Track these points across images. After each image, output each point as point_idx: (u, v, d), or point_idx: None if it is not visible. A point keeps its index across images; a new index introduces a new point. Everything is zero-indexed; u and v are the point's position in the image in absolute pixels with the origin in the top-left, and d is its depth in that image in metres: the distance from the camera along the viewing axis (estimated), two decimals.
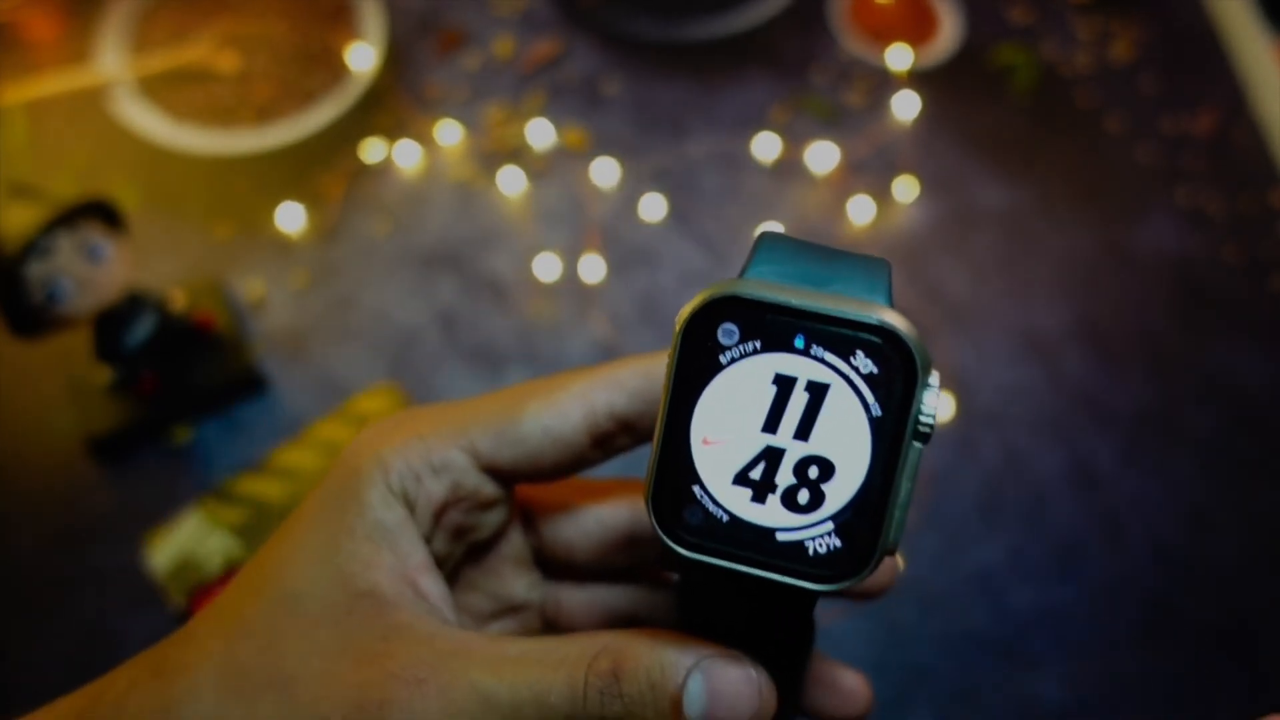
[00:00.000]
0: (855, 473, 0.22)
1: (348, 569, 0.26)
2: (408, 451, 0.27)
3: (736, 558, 0.23)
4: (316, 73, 0.81)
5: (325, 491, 0.28)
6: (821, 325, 0.22)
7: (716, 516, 0.23)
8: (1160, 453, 0.68)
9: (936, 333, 0.72)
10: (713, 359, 0.22)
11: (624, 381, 0.28)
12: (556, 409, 0.28)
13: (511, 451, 0.28)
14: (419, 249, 0.75)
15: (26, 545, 0.64)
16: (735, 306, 0.22)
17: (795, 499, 0.22)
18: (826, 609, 0.62)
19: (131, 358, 0.66)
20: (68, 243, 0.58)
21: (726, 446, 0.22)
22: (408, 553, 0.27)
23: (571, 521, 0.31)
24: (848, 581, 0.22)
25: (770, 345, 0.22)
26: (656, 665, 0.24)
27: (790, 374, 0.22)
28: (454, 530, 0.29)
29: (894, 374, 0.22)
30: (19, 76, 0.81)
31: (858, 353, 0.22)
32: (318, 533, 0.27)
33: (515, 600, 0.31)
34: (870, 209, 0.76)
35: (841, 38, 0.85)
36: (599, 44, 0.85)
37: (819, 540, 0.22)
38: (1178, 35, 0.87)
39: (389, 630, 0.25)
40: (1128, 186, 0.79)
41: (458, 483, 0.28)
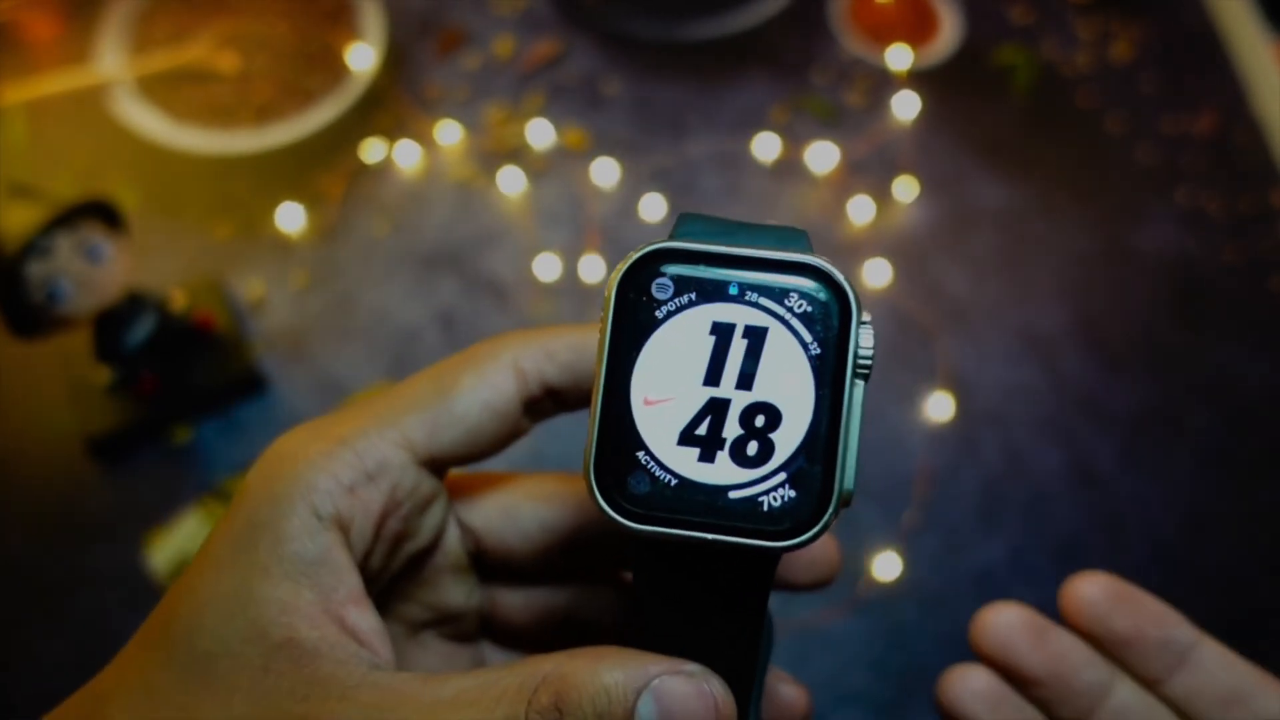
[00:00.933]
0: (801, 416, 0.22)
1: (262, 619, 0.23)
2: (333, 464, 0.25)
3: (689, 524, 0.22)
4: (316, 73, 0.81)
5: (236, 524, 0.24)
6: (755, 270, 0.22)
7: (664, 481, 0.22)
8: (1160, 453, 0.68)
9: (936, 333, 0.72)
10: (649, 315, 0.22)
11: (554, 351, 0.27)
12: (491, 380, 0.26)
13: (450, 433, 0.26)
14: (419, 249, 0.75)
15: (26, 545, 0.64)
16: (669, 259, 0.22)
17: (744, 452, 0.22)
18: (826, 609, 0.62)
19: (131, 358, 0.66)
20: (67, 243, 0.58)
21: (669, 405, 0.22)
22: (332, 585, 0.24)
23: (510, 523, 0.29)
24: (807, 534, 0.22)
25: (705, 296, 0.22)
26: (601, 692, 0.22)
27: (728, 321, 0.22)
28: (393, 539, 0.27)
29: (829, 312, 0.22)
30: (19, 76, 0.81)
31: (791, 294, 0.22)
32: (229, 577, 0.24)
33: (452, 608, 0.30)
34: (870, 209, 0.76)
35: (841, 38, 0.85)
36: (599, 44, 0.85)
37: (773, 493, 0.22)
38: (1178, 35, 0.87)
39: (309, 687, 0.23)
40: (1128, 186, 0.79)
41: (395, 484, 0.26)
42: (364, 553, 0.26)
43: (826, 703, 0.60)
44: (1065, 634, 0.32)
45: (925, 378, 0.70)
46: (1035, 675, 0.32)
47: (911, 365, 0.71)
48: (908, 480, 0.66)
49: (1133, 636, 0.32)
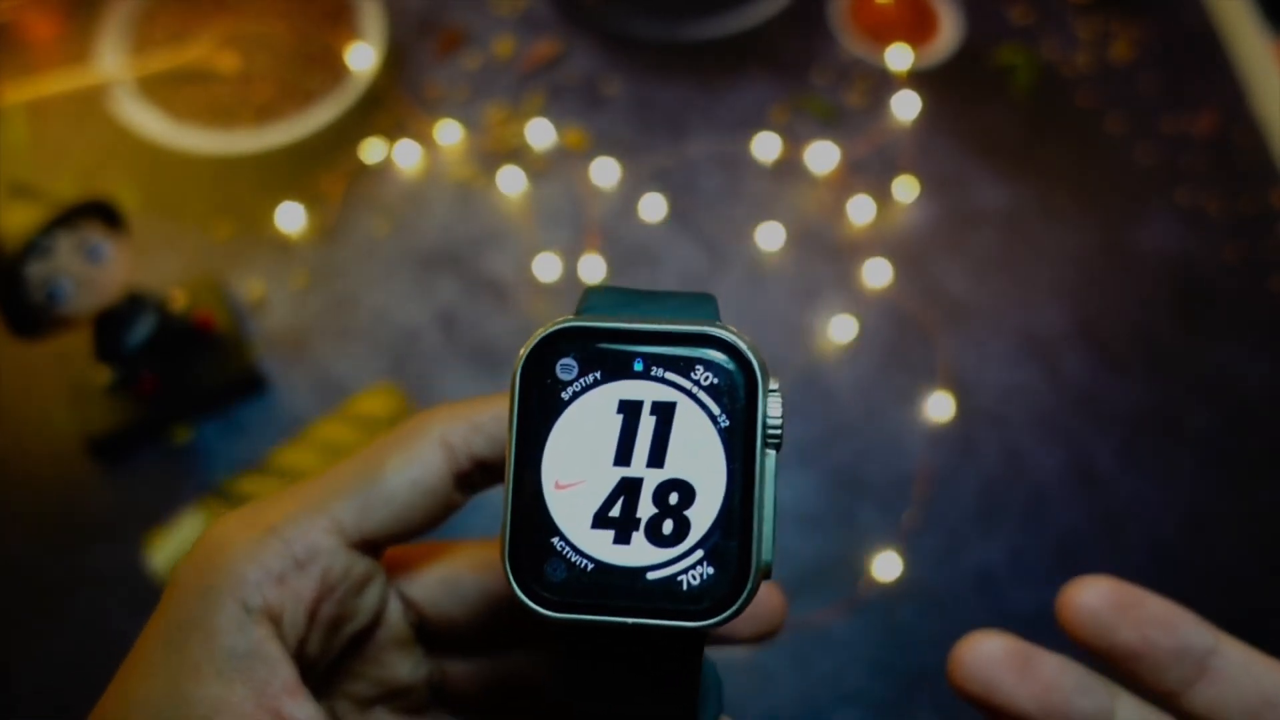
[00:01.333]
0: (715, 491, 0.21)
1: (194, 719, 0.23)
2: (262, 553, 0.24)
3: (608, 609, 0.21)
4: (316, 73, 0.81)
5: (166, 622, 0.24)
6: (658, 346, 0.22)
7: (580, 567, 0.21)
8: (1160, 452, 0.68)
9: (936, 333, 0.72)
10: (554, 397, 0.22)
11: (482, 424, 0.26)
12: (418, 458, 0.26)
13: (380, 514, 0.25)
14: (419, 249, 0.75)
15: (27, 546, 0.64)
16: (570, 339, 0.22)
17: (660, 531, 0.21)
18: (826, 609, 0.62)
19: (131, 358, 0.66)
20: (68, 243, 0.58)
21: (581, 488, 0.22)
22: (265, 679, 0.24)
23: (450, 593, 0.28)
24: (728, 611, 0.21)
25: (610, 374, 0.22)
26: None
27: (635, 399, 0.22)
28: (330, 623, 0.26)
29: (735, 383, 0.22)
30: (19, 76, 0.81)
31: (697, 367, 0.22)
32: (158, 679, 0.23)
33: (400, 683, 0.29)
34: (870, 209, 0.76)
35: (841, 38, 0.85)
36: (599, 44, 0.85)
37: (691, 572, 0.21)
38: (1178, 35, 0.87)
39: None
40: (1128, 186, 0.79)
41: (327, 569, 0.25)
42: (299, 640, 0.25)
43: (826, 703, 0.60)
44: (1053, 659, 0.30)
45: (925, 378, 0.70)
46: (1025, 711, 0.29)
47: (911, 365, 0.71)
48: (908, 480, 0.66)
49: (1142, 648, 0.29)
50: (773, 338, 0.72)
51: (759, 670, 0.60)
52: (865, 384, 0.70)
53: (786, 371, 0.70)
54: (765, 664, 0.60)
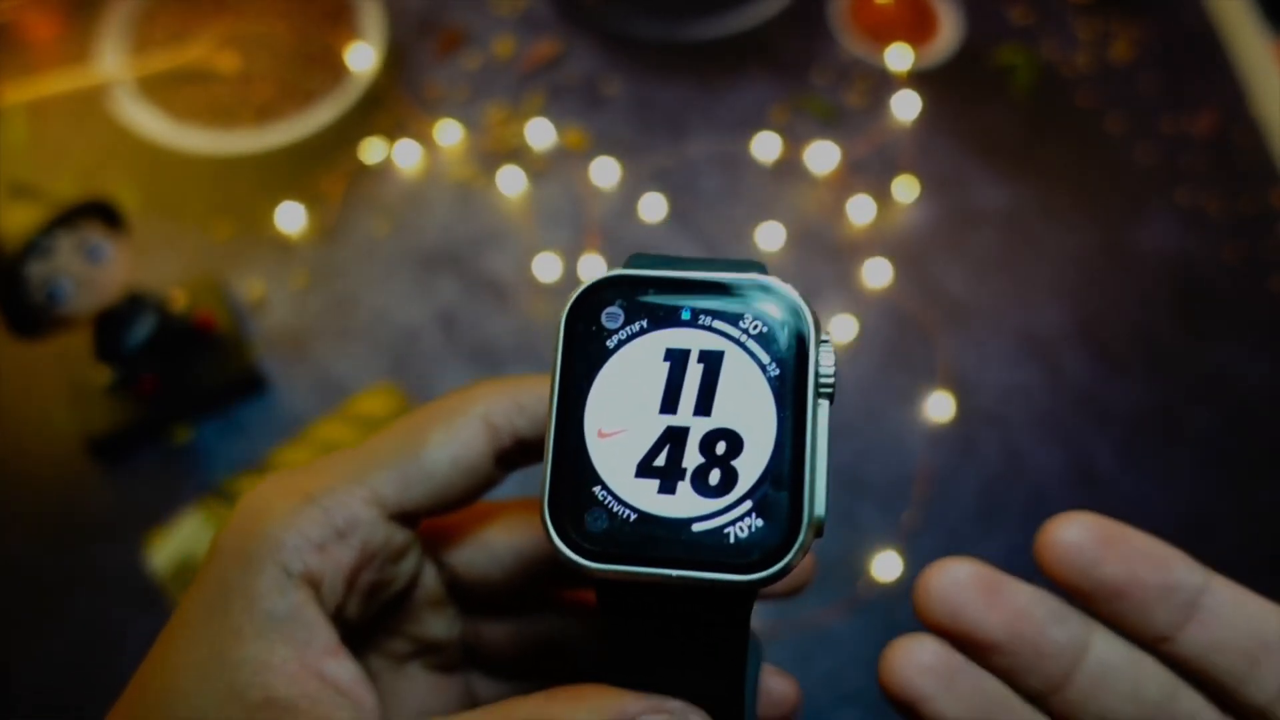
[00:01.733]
0: (764, 441, 0.21)
1: (238, 681, 0.23)
2: (301, 521, 0.24)
3: (651, 560, 0.20)
4: (316, 73, 0.81)
5: (207, 587, 0.24)
6: (707, 294, 0.21)
7: (622, 517, 0.21)
8: (1160, 452, 0.68)
9: (936, 333, 0.72)
10: (599, 345, 0.21)
11: (525, 405, 0.26)
12: (460, 437, 0.26)
13: (420, 489, 0.25)
14: (419, 249, 0.75)
15: (27, 545, 0.64)
16: (618, 287, 0.21)
17: (706, 481, 0.21)
18: (826, 609, 0.62)
19: (131, 358, 0.66)
20: (68, 243, 0.58)
21: (625, 436, 0.21)
22: (307, 641, 0.24)
23: (484, 552, 0.29)
24: (778, 565, 0.20)
25: (657, 322, 0.21)
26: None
27: (681, 347, 0.21)
28: (368, 590, 0.26)
29: (785, 332, 0.21)
30: (19, 76, 0.81)
31: (746, 316, 0.21)
32: (202, 643, 0.24)
33: (434, 640, 0.29)
34: (870, 209, 0.76)
35: (841, 38, 0.85)
36: (599, 44, 0.85)
37: (740, 523, 0.20)
38: (1178, 35, 0.87)
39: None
40: (1127, 186, 0.79)
41: (366, 540, 0.25)
42: (337, 605, 0.25)
43: (826, 703, 0.60)
44: (1026, 587, 0.28)
45: (925, 378, 0.70)
46: (994, 640, 0.27)
47: (911, 365, 0.71)
48: (908, 480, 0.66)
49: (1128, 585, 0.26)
50: None
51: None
52: (865, 384, 0.70)
53: None
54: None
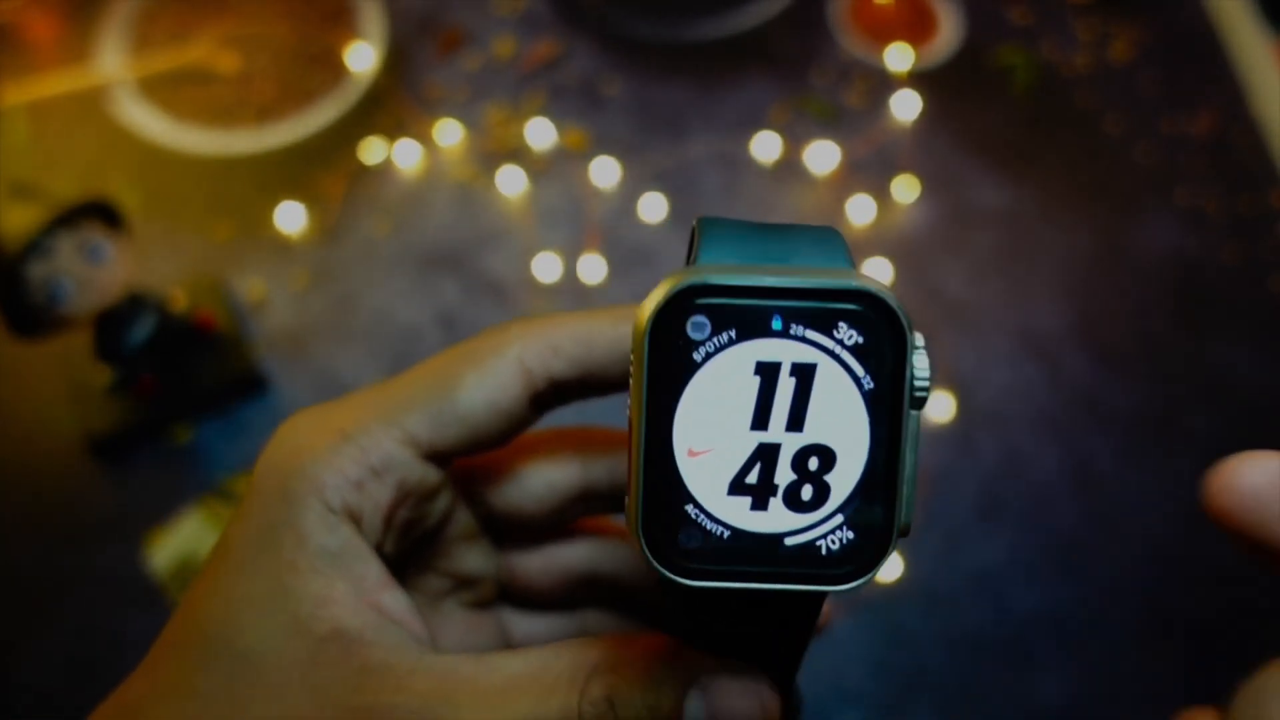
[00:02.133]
0: (857, 455, 0.20)
1: (302, 613, 0.23)
2: (339, 460, 0.24)
3: (745, 575, 0.21)
4: (316, 73, 0.81)
5: (252, 524, 0.24)
6: (798, 301, 0.20)
7: (716, 534, 0.21)
8: (1160, 453, 0.68)
9: (936, 333, 0.72)
10: (686, 358, 0.20)
11: (561, 345, 0.26)
12: (495, 379, 0.25)
13: (454, 431, 0.25)
14: (419, 249, 0.75)
15: (27, 545, 0.64)
16: (702, 296, 0.20)
17: (799, 497, 0.20)
18: (826, 609, 0.62)
19: (132, 358, 0.66)
20: (68, 243, 0.58)
21: (715, 454, 0.20)
22: (362, 574, 0.24)
23: (517, 487, 0.29)
24: (867, 575, 0.21)
25: (746, 333, 0.20)
26: (652, 688, 0.22)
27: (773, 360, 0.20)
28: (404, 527, 0.27)
29: (881, 341, 0.20)
30: (19, 76, 0.81)
31: (840, 324, 0.20)
32: (259, 577, 0.24)
33: (469, 575, 0.29)
34: (870, 209, 0.76)
35: (841, 38, 0.85)
36: (599, 44, 0.85)
37: (831, 537, 0.21)
38: (1177, 35, 0.87)
39: (362, 676, 0.23)
40: (1127, 186, 0.79)
41: (402, 479, 0.25)
42: (376, 543, 0.25)
43: (826, 703, 0.60)
44: None
45: None
46: None
47: None
48: None
49: None
50: None
51: None
52: None
53: None
54: None
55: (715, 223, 0.22)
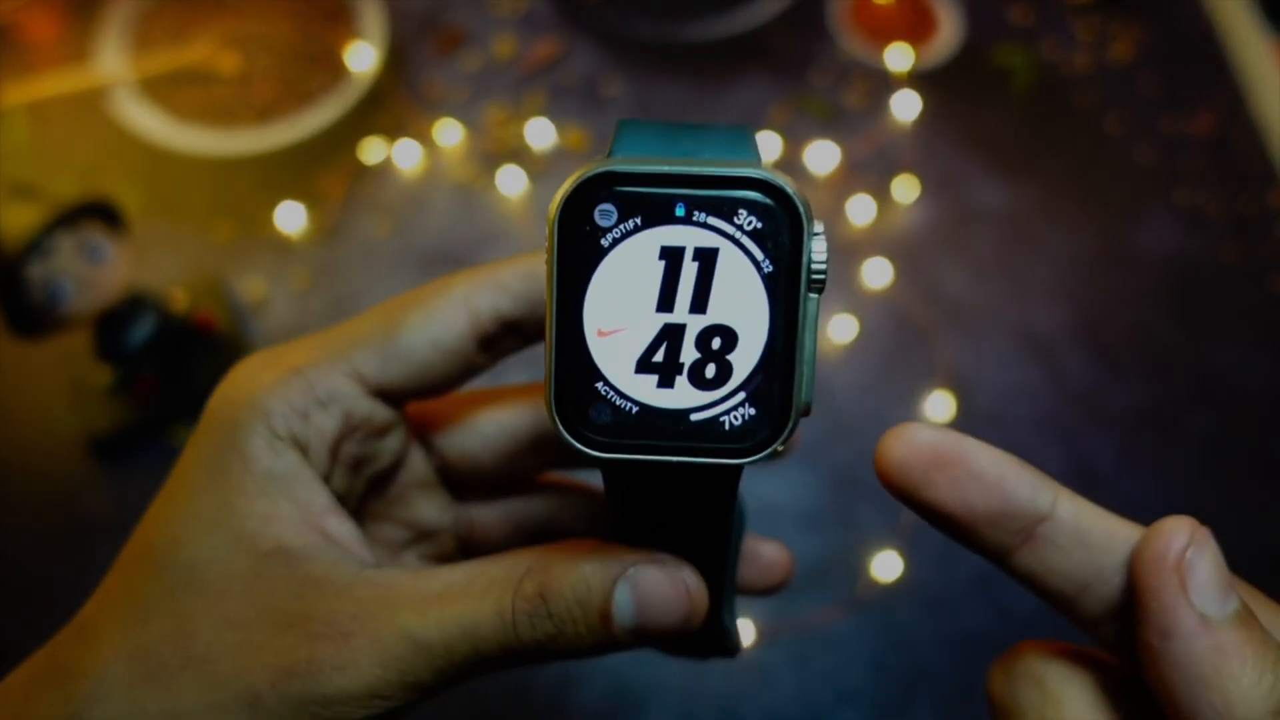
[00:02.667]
0: (757, 335, 0.22)
1: (247, 530, 0.24)
2: (287, 391, 0.25)
3: (653, 449, 0.22)
4: (316, 73, 0.81)
5: (202, 450, 0.25)
6: (700, 189, 0.21)
7: (625, 410, 0.22)
8: (1160, 453, 0.68)
9: (936, 333, 0.72)
10: (594, 244, 0.21)
11: (507, 283, 0.27)
12: (440, 318, 0.26)
13: (400, 368, 0.26)
14: (419, 249, 0.75)
15: (26, 545, 0.64)
16: (609, 184, 0.21)
17: (703, 375, 0.22)
18: (826, 609, 0.62)
19: (132, 358, 0.66)
20: (68, 243, 0.58)
21: (624, 334, 0.22)
22: (308, 499, 0.25)
23: (472, 433, 0.30)
24: (769, 449, 0.22)
25: (651, 219, 0.21)
26: (582, 581, 0.24)
27: (677, 245, 0.21)
28: (352, 463, 0.27)
29: (779, 226, 0.21)
30: (19, 77, 0.81)
31: (740, 211, 0.21)
32: (205, 497, 0.25)
33: (427, 525, 0.30)
34: (870, 209, 0.76)
35: (841, 38, 0.85)
36: (599, 44, 0.85)
37: (734, 413, 0.22)
38: (1177, 35, 0.87)
39: (303, 587, 0.24)
40: (1127, 186, 0.79)
41: (348, 412, 0.26)
42: (323, 475, 0.26)
43: (826, 703, 0.60)
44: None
45: (925, 378, 0.70)
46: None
47: (911, 365, 0.71)
48: None
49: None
50: None
51: (759, 670, 0.60)
52: (865, 384, 0.70)
53: None
54: (765, 664, 0.60)
55: (632, 122, 0.23)
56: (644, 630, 0.24)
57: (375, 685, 0.23)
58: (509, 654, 0.24)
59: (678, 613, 0.24)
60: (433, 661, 0.23)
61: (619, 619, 0.24)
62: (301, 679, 0.23)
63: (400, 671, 0.23)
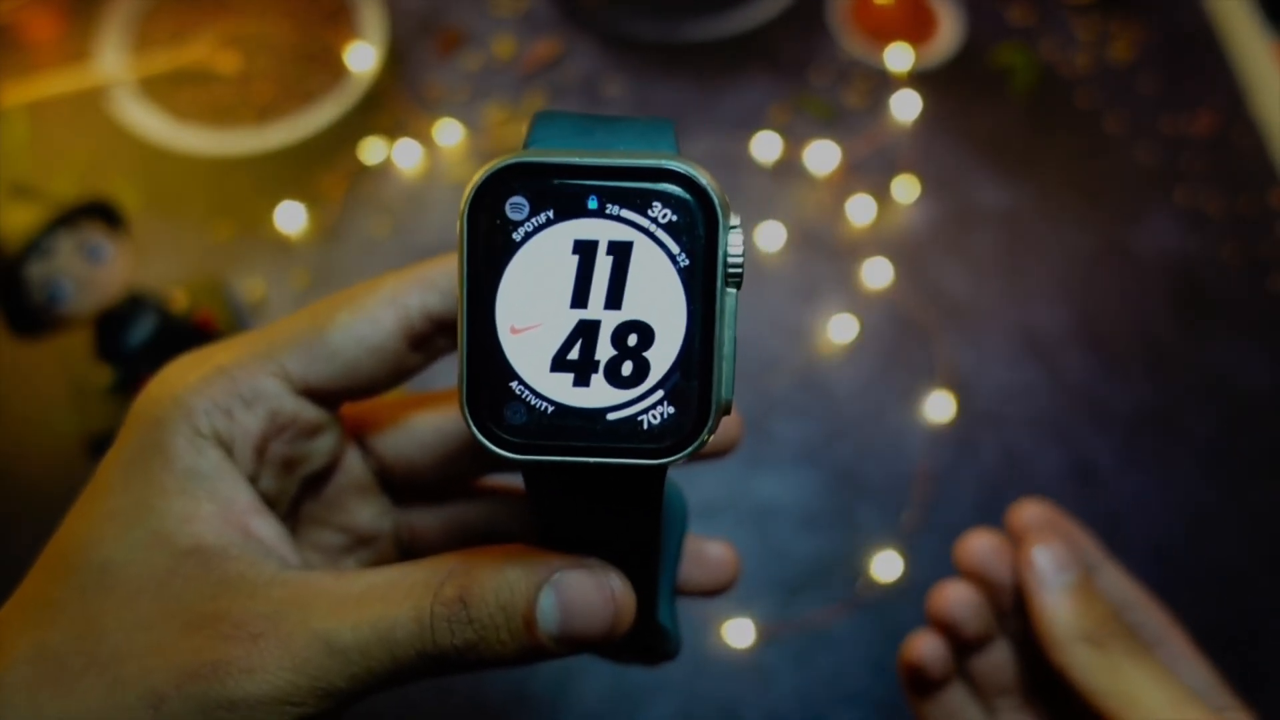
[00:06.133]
0: (674, 332, 0.21)
1: (164, 529, 0.24)
2: (210, 388, 0.25)
3: (570, 450, 0.21)
4: (316, 73, 0.81)
5: (124, 449, 0.25)
6: (613, 181, 0.21)
7: (540, 409, 0.21)
8: (1160, 453, 0.68)
9: (936, 333, 0.72)
10: (505, 238, 0.21)
11: (435, 280, 0.26)
12: (367, 316, 0.26)
13: (326, 367, 0.26)
14: (419, 249, 0.75)
15: (27, 545, 0.63)
16: (519, 176, 0.21)
17: (619, 373, 0.21)
18: (826, 609, 0.62)
19: (132, 358, 0.66)
20: (68, 243, 0.58)
21: (537, 331, 0.21)
22: (230, 497, 0.25)
23: (407, 435, 0.29)
24: (689, 448, 0.21)
25: (564, 213, 0.21)
26: (505, 585, 0.23)
27: (590, 238, 0.21)
28: (282, 464, 0.27)
29: (694, 220, 0.21)
30: (19, 76, 0.81)
31: (654, 204, 0.21)
32: (124, 495, 0.24)
33: (365, 531, 0.29)
34: (870, 209, 0.76)
35: (841, 38, 0.85)
36: (599, 44, 0.85)
37: (652, 411, 0.21)
38: (1177, 35, 0.87)
39: (218, 587, 0.23)
40: (1127, 186, 0.79)
41: (274, 411, 0.25)
42: (249, 475, 0.26)
43: (826, 703, 0.60)
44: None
45: (925, 378, 0.70)
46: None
47: (911, 365, 0.71)
48: (908, 480, 0.67)
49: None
50: (773, 338, 0.72)
51: (759, 670, 0.60)
52: (865, 384, 0.70)
53: (786, 372, 0.70)
54: (765, 664, 0.60)
55: (548, 114, 0.23)
56: (570, 637, 0.23)
57: (285, 690, 0.22)
58: (427, 661, 0.23)
59: (604, 618, 0.23)
60: (347, 667, 0.22)
61: (543, 625, 0.23)
62: (207, 681, 0.22)
63: (311, 676, 0.22)
